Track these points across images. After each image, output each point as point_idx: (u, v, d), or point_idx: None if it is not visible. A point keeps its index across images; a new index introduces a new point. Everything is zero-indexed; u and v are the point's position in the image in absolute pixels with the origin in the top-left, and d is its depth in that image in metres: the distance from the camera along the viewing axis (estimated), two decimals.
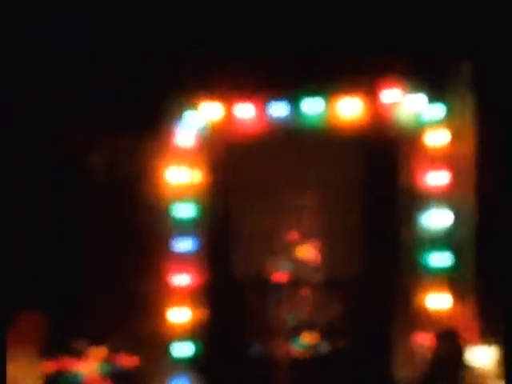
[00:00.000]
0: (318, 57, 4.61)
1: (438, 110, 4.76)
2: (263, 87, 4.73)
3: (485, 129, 4.64)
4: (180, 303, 4.90)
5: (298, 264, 4.94)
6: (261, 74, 4.66)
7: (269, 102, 4.79)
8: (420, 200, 4.72)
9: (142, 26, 4.70)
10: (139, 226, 5.05)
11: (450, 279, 4.64)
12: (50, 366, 4.33)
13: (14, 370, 3.87)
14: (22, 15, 4.56)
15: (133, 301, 4.92)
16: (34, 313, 4.02)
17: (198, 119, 4.97)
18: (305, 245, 4.95)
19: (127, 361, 4.84)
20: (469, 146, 4.69)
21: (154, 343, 4.84)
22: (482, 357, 4.36)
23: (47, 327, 3.97)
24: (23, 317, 4.00)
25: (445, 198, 4.72)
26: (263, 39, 4.61)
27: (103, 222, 5.16)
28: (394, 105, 4.74)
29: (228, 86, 4.73)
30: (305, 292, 4.92)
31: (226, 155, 4.98)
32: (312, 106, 4.78)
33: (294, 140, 4.86)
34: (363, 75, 4.63)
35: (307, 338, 4.89)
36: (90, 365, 4.64)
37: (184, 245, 4.93)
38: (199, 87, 4.83)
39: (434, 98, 4.76)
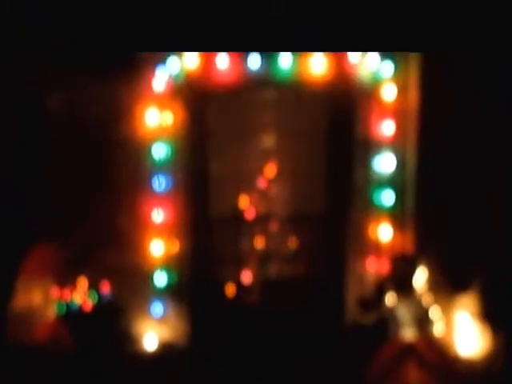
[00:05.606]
0: None
1: (389, 68, 5.43)
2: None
3: (429, 84, 5.37)
4: (156, 237, 5.36)
5: (268, 201, 5.55)
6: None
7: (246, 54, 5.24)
8: (372, 147, 5.44)
9: None
10: (114, 164, 5.40)
11: (394, 214, 5.45)
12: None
13: (29, 299, 4.19)
14: None
15: (110, 234, 5.31)
16: (48, 245, 4.31)
17: (174, 65, 5.32)
18: (274, 184, 5.56)
19: (108, 290, 5.26)
20: (414, 100, 5.43)
21: (132, 273, 5.28)
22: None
23: (63, 259, 4.28)
24: (37, 248, 4.29)
25: (392, 145, 5.46)
26: None
27: (75, 160, 5.44)
28: (356, 64, 5.35)
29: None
30: (273, 226, 5.56)
31: (202, 101, 5.41)
32: (285, 61, 5.29)
33: (266, 91, 5.39)
34: None
35: (274, 266, 5.56)
36: (80, 294, 5.02)
37: (160, 183, 5.35)
38: None
39: (384, 56, 5.41)
